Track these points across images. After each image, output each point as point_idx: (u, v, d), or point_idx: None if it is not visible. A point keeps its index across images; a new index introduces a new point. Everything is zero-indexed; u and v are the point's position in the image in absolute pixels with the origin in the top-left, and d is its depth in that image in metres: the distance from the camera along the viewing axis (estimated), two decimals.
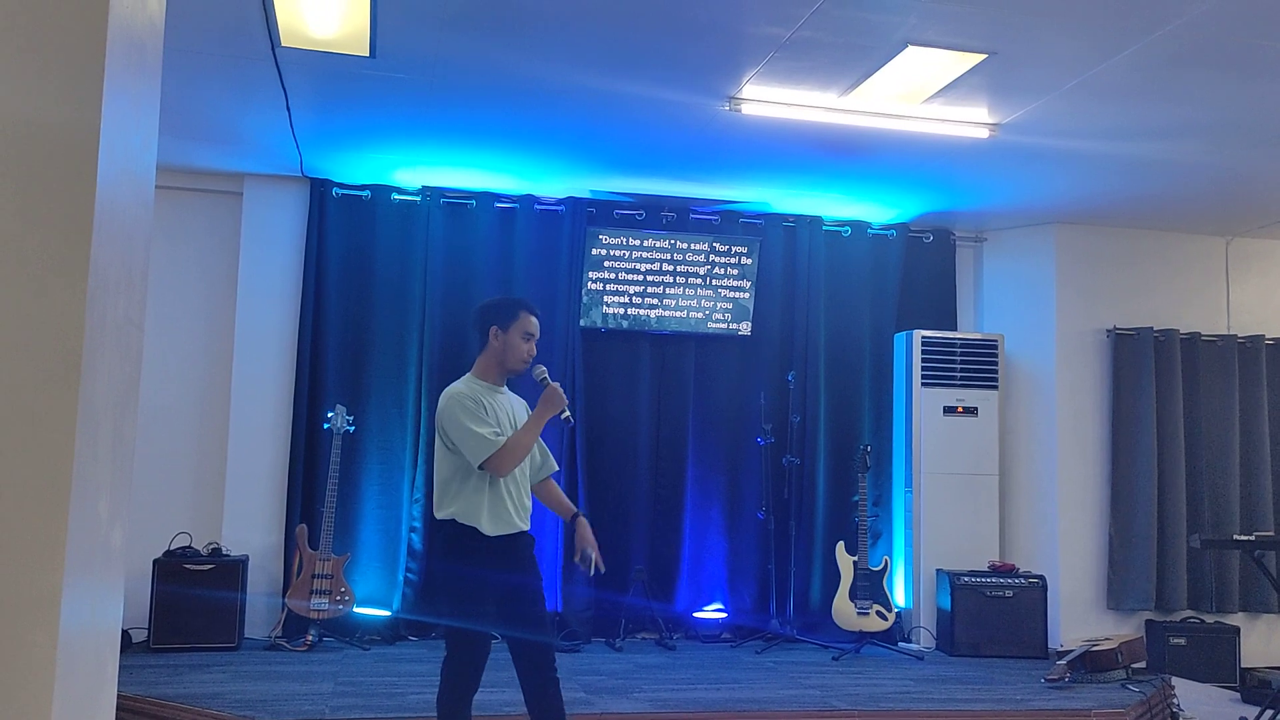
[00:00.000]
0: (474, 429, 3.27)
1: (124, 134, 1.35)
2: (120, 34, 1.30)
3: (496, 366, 3.44)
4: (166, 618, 5.45)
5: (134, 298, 1.50)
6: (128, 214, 1.41)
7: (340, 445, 5.77)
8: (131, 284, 1.47)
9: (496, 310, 3.46)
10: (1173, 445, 6.63)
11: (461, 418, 3.28)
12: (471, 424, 3.27)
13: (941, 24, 3.95)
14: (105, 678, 1.48)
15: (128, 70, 1.36)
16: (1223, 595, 6.62)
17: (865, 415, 6.71)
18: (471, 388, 3.39)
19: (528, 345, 3.42)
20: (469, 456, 3.27)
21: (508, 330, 3.40)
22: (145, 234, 1.57)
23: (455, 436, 3.29)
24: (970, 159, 5.54)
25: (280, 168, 6.03)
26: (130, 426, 1.54)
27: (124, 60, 1.32)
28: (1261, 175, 5.67)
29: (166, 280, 6.07)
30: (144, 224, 1.55)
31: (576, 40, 4.17)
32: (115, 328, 1.36)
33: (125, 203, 1.38)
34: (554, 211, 6.38)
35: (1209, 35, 3.95)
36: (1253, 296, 7.02)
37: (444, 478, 3.35)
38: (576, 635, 6.00)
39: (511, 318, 3.41)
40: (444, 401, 3.36)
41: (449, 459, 3.33)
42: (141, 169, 1.51)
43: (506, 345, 3.40)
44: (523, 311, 3.43)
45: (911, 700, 4.83)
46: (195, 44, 4.29)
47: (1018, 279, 6.94)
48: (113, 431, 1.40)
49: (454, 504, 3.32)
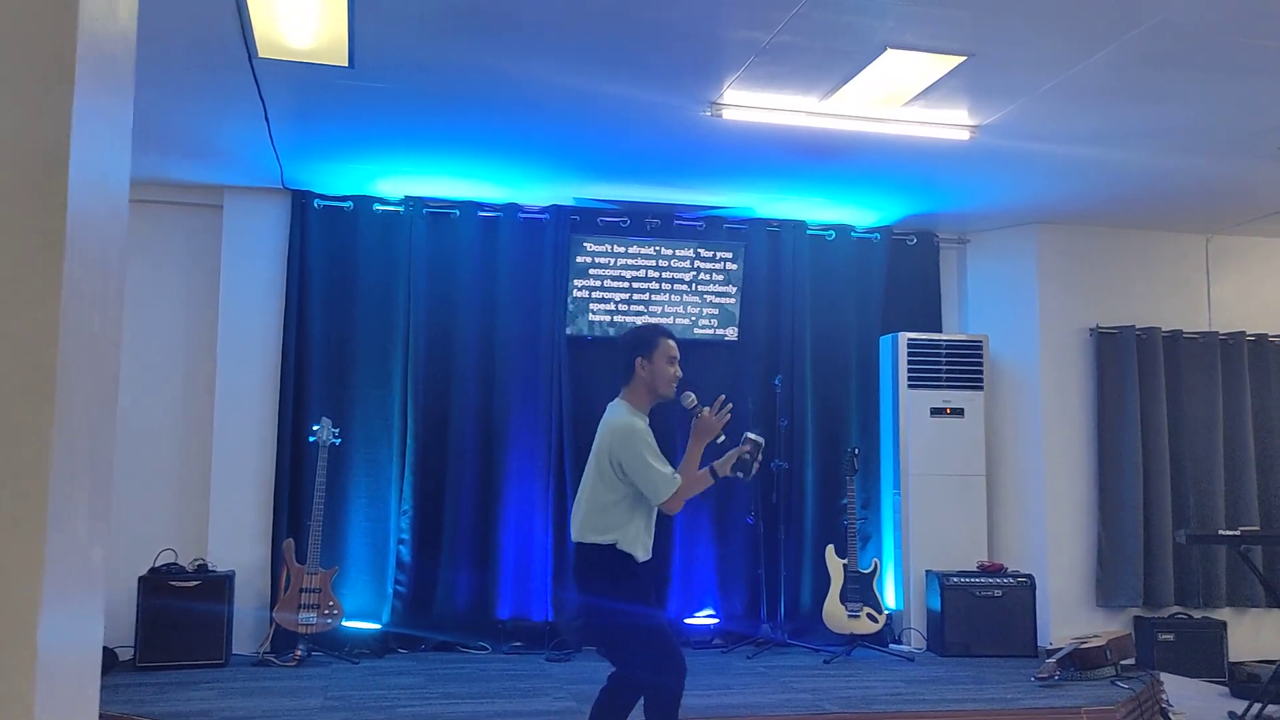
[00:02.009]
0: (658, 467, 3.41)
1: (96, 147, 1.34)
2: (90, 46, 1.28)
3: (646, 395, 3.55)
4: (152, 635, 5.40)
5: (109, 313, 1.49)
6: (101, 228, 1.39)
7: (326, 458, 5.74)
8: (107, 299, 1.45)
9: (639, 341, 3.57)
10: (1157, 442, 6.66)
11: (645, 454, 3.40)
12: (655, 461, 3.41)
13: (920, 27, 3.96)
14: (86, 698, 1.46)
15: (99, 83, 1.34)
16: (1209, 590, 6.65)
17: (852, 418, 6.71)
18: (642, 421, 3.50)
19: (673, 369, 3.52)
20: (649, 493, 3.41)
21: (652, 359, 3.51)
22: (120, 248, 1.55)
23: (634, 469, 3.40)
24: (951, 161, 5.55)
25: (260, 180, 6.00)
26: (109, 444, 1.52)
27: (94, 73, 1.31)
28: (1239, 173, 5.70)
29: (148, 295, 6.03)
30: (118, 238, 1.53)
31: (556, 47, 4.17)
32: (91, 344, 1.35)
33: (98, 217, 1.37)
34: (538, 220, 6.37)
35: (1183, 35, 3.98)
36: (1233, 293, 7.06)
37: (605, 503, 3.44)
38: (567, 644, 5.98)
39: (653, 346, 3.52)
40: (623, 433, 3.44)
41: (617, 487, 3.42)
42: (115, 182, 1.50)
43: (655, 373, 3.51)
44: (662, 338, 3.55)
45: (903, 702, 4.83)
46: (172, 56, 4.27)
47: (1001, 279, 6.96)
48: (90, 449, 1.39)
49: (616, 531, 3.41)
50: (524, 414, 6.25)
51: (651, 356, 3.50)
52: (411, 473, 6.07)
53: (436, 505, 6.14)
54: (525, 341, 6.29)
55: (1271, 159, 5.42)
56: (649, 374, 3.50)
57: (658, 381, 3.50)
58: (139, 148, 5.35)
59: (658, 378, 3.50)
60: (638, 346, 3.54)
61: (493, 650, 6.01)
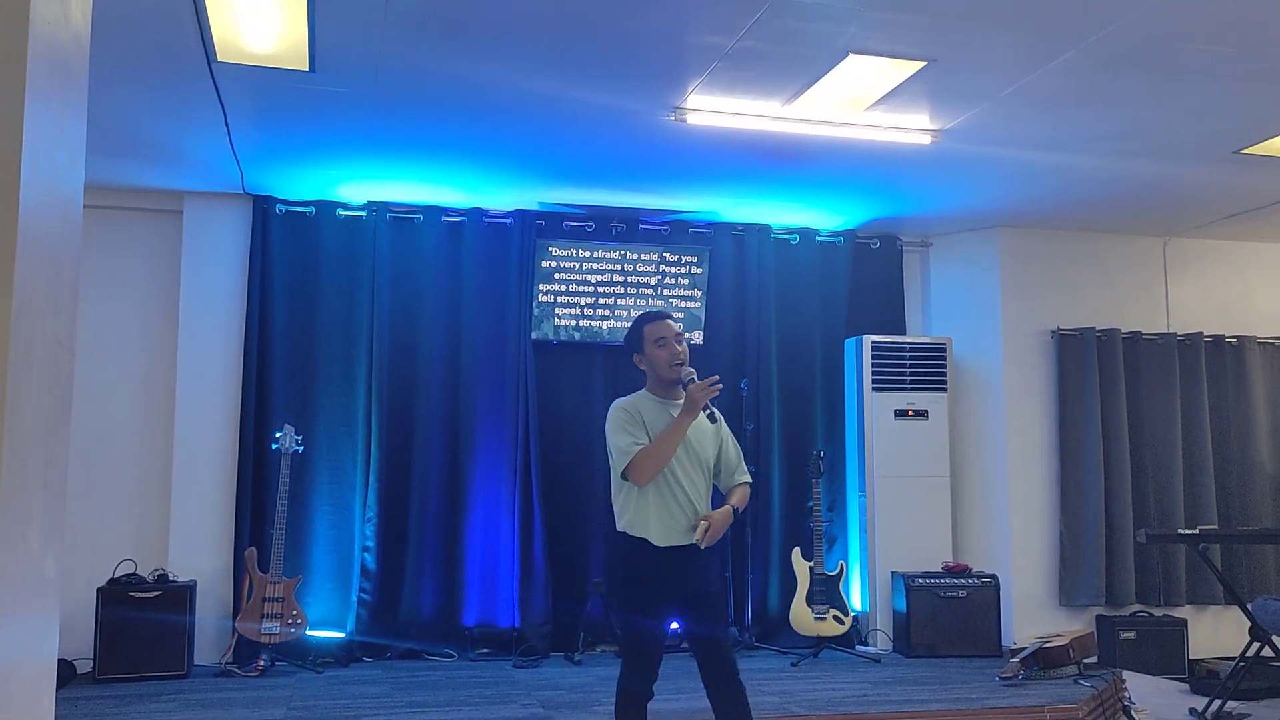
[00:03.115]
0: (615, 441, 3.42)
1: (48, 152, 1.32)
2: (42, 51, 1.26)
3: (656, 382, 3.54)
4: (112, 647, 5.32)
5: (63, 320, 1.46)
6: (54, 234, 1.37)
7: (289, 465, 5.68)
8: (60, 306, 1.43)
9: (629, 338, 3.64)
10: (1118, 442, 6.74)
11: (612, 430, 3.45)
12: (614, 437, 3.43)
13: (881, 32, 3.99)
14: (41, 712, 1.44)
15: (51, 88, 1.32)
16: (1170, 589, 6.74)
17: (818, 421, 6.74)
18: (634, 400, 3.53)
19: (665, 350, 3.50)
20: (613, 469, 3.44)
21: (644, 349, 3.55)
22: (73, 254, 1.52)
23: (609, 449, 3.47)
24: (914, 165, 5.60)
25: (221, 184, 5.94)
26: (62, 453, 1.50)
27: (46, 77, 1.29)
28: (1196, 177, 5.79)
29: (107, 302, 5.95)
30: (72, 244, 1.51)
31: (519, 51, 4.16)
32: (43, 351, 1.33)
33: (51, 222, 1.34)
34: (503, 224, 6.35)
35: (1139, 41, 4.04)
36: (1191, 295, 7.17)
37: (615, 489, 3.50)
38: (535, 650, 5.96)
39: (640, 336, 3.56)
40: (609, 415, 3.52)
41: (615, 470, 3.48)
42: (68, 187, 1.47)
43: (651, 362, 3.53)
44: (646, 325, 3.56)
45: (869, 703, 4.85)
46: (130, 61, 4.22)
47: (964, 282, 7.03)
48: (43, 459, 1.36)
49: (625, 515, 3.44)
50: (490, 419, 6.22)
51: (642, 348, 3.55)
52: (376, 479, 6.03)
53: (402, 512, 6.10)
54: (491, 346, 6.26)
55: (1227, 163, 5.51)
56: (648, 365, 3.55)
57: (657, 368, 3.52)
58: (96, 153, 5.27)
59: (655, 364, 3.52)
60: (630, 343, 3.62)
61: (459, 657, 5.98)
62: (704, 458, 3.49)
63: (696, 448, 3.47)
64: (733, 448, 3.60)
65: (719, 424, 3.56)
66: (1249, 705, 5.22)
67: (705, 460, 3.50)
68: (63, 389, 1.48)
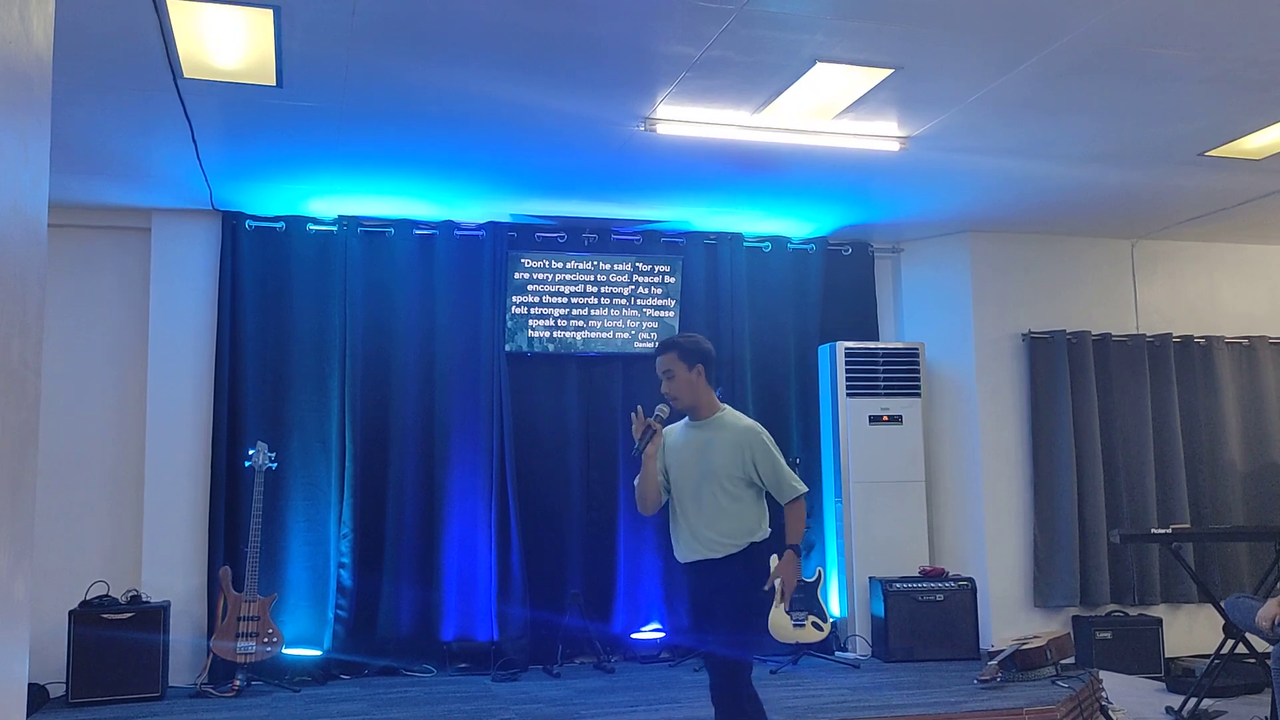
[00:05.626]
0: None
1: (11, 171, 1.30)
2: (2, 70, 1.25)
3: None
4: (85, 670, 5.25)
5: (29, 341, 1.45)
6: (18, 255, 1.35)
7: (263, 483, 5.64)
8: (26, 327, 1.42)
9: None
10: (1090, 444, 6.80)
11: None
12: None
13: (848, 40, 4.02)
14: None
15: (12, 106, 1.31)
16: (1144, 588, 6.79)
17: (793, 428, 6.76)
18: (673, 427, 3.81)
19: (664, 384, 3.74)
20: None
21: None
22: (39, 275, 1.51)
23: None
24: (883, 172, 5.64)
25: (189, 201, 5.89)
26: (30, 474, 1.48)
27: (7, 96, 1.28)
28: (1161, 179, 5.86)
29: (75, 321, 5.89)
30: (37, 264, 1.50)
31: (488, 63, 4.16)
32: (8, 373, 1.31)
33: (15, 244, 1.33)
34: (474, 236, 6.33)
35: (1102, 46, 4.08)
36: (1159, 296, 7.25)
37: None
38: (513, 664, 5.93)
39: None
40: None
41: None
42: (32, 207, 1.46)
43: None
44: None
45: (848, 709, 4.86)
46: (95, 78, 4.18)
47: (935, 287, 7.07)
48: (10, 480, 1.35)
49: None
50: (465, 432, 6.20)
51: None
52: (351, 495, 5.99)
53: (377, 527, 6.06)
54: (464, 359, 6.24)
55: (1192, 165, 5.58)
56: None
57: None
58: (62, 171, 5.22)
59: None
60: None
61: (437, 673, 5.94)
62: (709, 470, 3.63)
63: (694, 466, 3.64)
64: (763, 460, 3.69)
65: (730, 432, 3.68)
66: (1224, 702, 5.28)
67: (713, 472, 3.64)
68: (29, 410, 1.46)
